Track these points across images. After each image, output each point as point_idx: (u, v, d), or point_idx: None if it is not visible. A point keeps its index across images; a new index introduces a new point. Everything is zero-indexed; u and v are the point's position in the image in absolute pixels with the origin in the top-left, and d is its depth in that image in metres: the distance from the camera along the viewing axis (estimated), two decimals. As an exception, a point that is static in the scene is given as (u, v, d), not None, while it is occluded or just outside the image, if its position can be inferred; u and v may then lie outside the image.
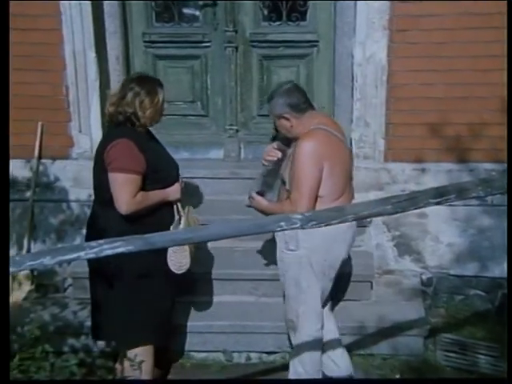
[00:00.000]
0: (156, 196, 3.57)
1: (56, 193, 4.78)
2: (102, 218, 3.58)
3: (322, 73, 4.94)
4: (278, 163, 3.68)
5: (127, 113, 3.50)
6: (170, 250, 3.60)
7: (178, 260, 3.62)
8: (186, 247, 3.64)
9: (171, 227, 3.60)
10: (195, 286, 4.37)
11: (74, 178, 4.76)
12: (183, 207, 3.72)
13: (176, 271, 3.64)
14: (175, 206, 3.71)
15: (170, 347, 4.09)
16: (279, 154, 3.68)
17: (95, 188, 3.65)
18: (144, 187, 3.51)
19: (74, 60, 4.63)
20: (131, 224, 3.45)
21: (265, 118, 5.07)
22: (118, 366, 3.80)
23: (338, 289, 4.33)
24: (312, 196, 3.44)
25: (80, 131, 4.73)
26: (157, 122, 3.68)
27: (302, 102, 3.56)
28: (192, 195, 4.55)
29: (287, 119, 3.53)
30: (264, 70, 4.99)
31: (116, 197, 3.45)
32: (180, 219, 3.68)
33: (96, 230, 3.58)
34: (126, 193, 3.44)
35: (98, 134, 4.65)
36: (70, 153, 4.80)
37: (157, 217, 3.58)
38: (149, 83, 3.58)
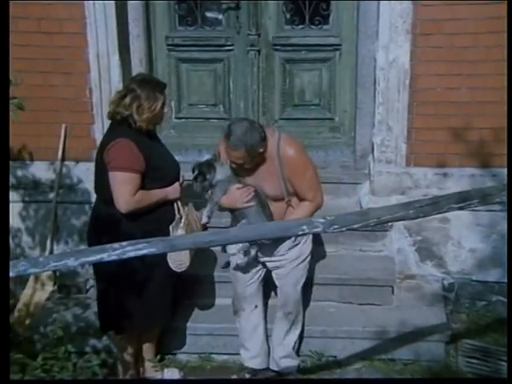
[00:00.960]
0: (155, 195, 3.62)
1: (79, 195, 4.82)
2: (105, 217, 3.63)
3: (345, 76, 4.94)
4: (257, 196, 3.61)
5: (124, 114, 3.55)
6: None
7: (178, 258, 3.66)
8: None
9: (171, 226, 3.65)
10: (215, 288, 4.38)
11: (97, 180, 4.79)
12: (183, 206, 3.76)
13: (175, 269, 3.69)
14: (175, 205, 3.74)
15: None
16: (251, 189, 3.61)
17: (96, 187, 3.73)
18: (144, 186, 3.56)
19: (97, 63, 4.66)
20: (132, 222, 3.53)
21: (287, 121, 5.09)
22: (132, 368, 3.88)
23: (357, 293, 4.34)
24: (321, 188, 3.66)
25: (103, 133, 4.76)
26: (156, 124, 3.74)
27: (263, 130, 3.54)
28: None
29: (263, 151, 3.51)
30: (286, 74, 4.99)
31: (115, 196, 3.50)
32: (180, 218, 3.71)
33: (99, 228, 3.66)
34: (124, 192, 3.50)
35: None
36: (93, 155, 4.78)
37: (157, 215, 3.63)
38: (150, 87, 3.59)
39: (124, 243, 1.96)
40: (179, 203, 3.76)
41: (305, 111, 5.07)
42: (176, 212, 3.73)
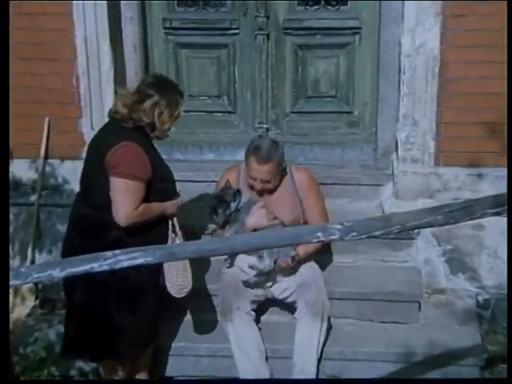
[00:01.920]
0: (156, 209, 3.65)
1: (64, 197, 4.85)
2: (91, 226, 3.63)
3: (365, 64, 4.95)
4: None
5: (143, 122, 3.58)
6: (169, 271, 3.67)
7: (179, 281, 3.70)
8: (189, 267, 3.72)
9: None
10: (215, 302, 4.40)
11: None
12: (178, 224, 3.79)
13: (175, 295, 3.71)
14: (170, 222, 3.76)
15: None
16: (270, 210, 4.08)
17: (87, 189, 3.71)
18: (146, 198, 3.58)
19: (85, 48, 4.69)
20: (123, 233, 3.52)
21: (299, 115, 5.11)
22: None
23: (379, 309, 4.35)
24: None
25: (92, 128, 4.79)
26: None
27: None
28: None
29: (284, 167, 4.12)
30: (299, 61, 5.01)
31: (116, 206, 3.49)
32: (175, 238, 3.75)
33: (83, 236, 3.64)
34: (127, 202, 3.50)
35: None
36: (80, 152, 4.82)
37: (150, 231, 3.63)
38: (170, 93, 3.65)
39: (117, 251, 1.97)
40: (175, 220, 3.78)
41: (319, 104, 5.09)
42: (170, 230, 3.74)
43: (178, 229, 3.77)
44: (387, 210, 4.68)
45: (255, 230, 3.95)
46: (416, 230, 4.47)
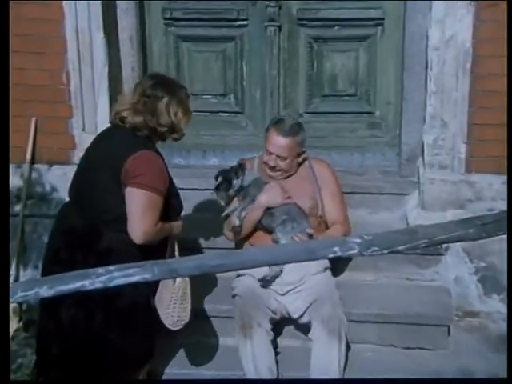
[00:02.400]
0: (168, 229, 3.69)
1: (53, 206, 4.86)
2: (100, 243, 3.60)
3: (388, 59, 4.97)
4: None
5: (163, 127, 3.62)
6: (165, 299, 3.66)
7: (175, 313, 3.68)
8: (189, 298, 3.71)
9: None
10: (220, 324, 4.40)
11: (76, 189, 4.84)
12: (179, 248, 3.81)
13: (170, 326, 3.69)
14: (169, 243, 3.77)
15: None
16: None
17: (83, 200, 3.68)
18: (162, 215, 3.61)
19: (77, 41, 4.72)
20: (121, 250, 3.52)
21: (314, 116, 5.12)
22: None
23: (403, 334, 4.34)
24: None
25: (83, 129, 4.82)
26: None
27: None
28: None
29: (303, 153, 4.29)
30: (314, 56, 5.04)
31: (135, 221, 3.49)
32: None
33: (73, 250, 3.62)
34: (148, 218, 3.50)
35: (106, 134, 4.75)
36: (70, 156, 4.88)
37: (149, 252, 3.54)
38: (176, 89, 3.71)
39: (111, 267, 1.97)
40: (175, 243, 3.81)
41: (337, 103, 5.12)
42: (168, 253, 3.74)
43: (177, 253, 3.78)
44: (412, 222, 4.69)
45: (268, 208, 4.16)
46: (445, 245, 4.47)
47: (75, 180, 3.77)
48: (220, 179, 4.19)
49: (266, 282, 4.15)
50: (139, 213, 3.49)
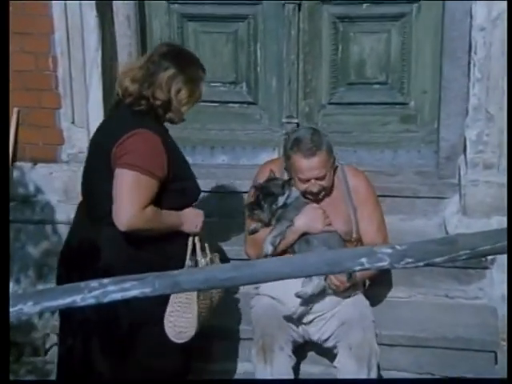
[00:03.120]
0: (169, 218, 3.63)
1: (37, 210, 4.89)
2: (96, 244, 3.63)
3: (425, 41, 4.97)
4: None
5: (157, 99, 3.59)
6: (170, 305, 3.65)
7: (178, 323, 3.65)
8: (195, 307, 3.66)
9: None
10: (239, 347, 4.42)
11: (64, 190, 4.88)
12: (204, 250, 3.76)
13: (173, 338, 3.67)
14: (190, 243, 3.72)
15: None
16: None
17: (89, 199, 3.73)
18: (158, 202, 3.56)
19: (65, 21, 4.74)
20: (130, 254, 3.54)
21: (339, 107, 5.14)
22: None
23: (442, 360, 4.34)
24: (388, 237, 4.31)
25: (73, 122, 4.84)
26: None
27: None
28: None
29: (334, 159, 4.21)
30: (339, 38, 5.05)
31: (118, 204, 3.48)
32: (197, 263, 3.71)
33: (83, 262, 3.64)
34: (134, 200, 3.46)
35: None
36: (58, 153, 4.91)
37: (161, 252, 3.61)
38: (190, 66, 3.69)
39: (105, 281, 1.98)
40: (197, 242, 3.74)
41: (365, 92, 5.13)
42: (188, 256, 3.70)
43: (200, 255, 3.72)
44: (452, 230, 4.69)
45: (304, 233, 4.11)
46: (490, 257, 4.46)
47: (83, 174, 3.79)
48: (260, 194, 4.10)
49: (291, 321, 4.14)
50: (123, 195, 3.46)
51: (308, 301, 4.08)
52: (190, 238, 3.72)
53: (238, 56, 5.15)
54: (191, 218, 3.71)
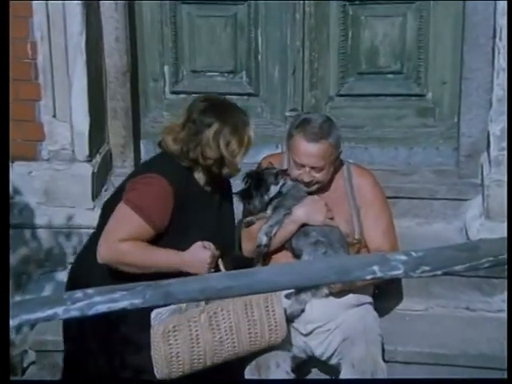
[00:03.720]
0: (161, 256, 3.78)
1: (15, 213, 4.90)
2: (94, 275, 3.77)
3: (444, 26, 4.98)
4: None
5: (208, 159, 3.77)
6: (153, 332, 3.70)
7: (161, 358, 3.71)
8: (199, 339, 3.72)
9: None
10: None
11: (45, 191, 4.88)
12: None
13: (157, 374, 3.74)
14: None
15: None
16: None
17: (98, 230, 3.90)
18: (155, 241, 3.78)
19: (45, 2, 4.73)
20: None
21: (349, 99, 5.15)
22: None
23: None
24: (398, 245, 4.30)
25: (54, 116, 4.84)
26: None
27: None
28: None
29: (339, 156, 4.24)
30: (349, 22, 5.06)
31: (103, 234, 3.74)
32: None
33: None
34: (117, 232, 3.71)
35: (83, 122, 4.82)
36: (38, 150, 4.91)
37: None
38: (231, 115, 3.85)
39: (90, 291, 1.98)
40: (220, 264, 3.88)
41: (378, 83, 5.15)
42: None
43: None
44: (474, 235, 4.69)
45: (304, 225, 4.12)
46: (515, 265, 4.47)
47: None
48: (252, 182, 4.15)
49: (298, 310, 4.15)
50: (108, 226, 3.73)
51: (300, 300, 4.09)
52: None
53: (237, 42, 5.15)
54: (195, 256, 3.80)
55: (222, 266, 3.84)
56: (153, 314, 3.64)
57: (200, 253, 3.79)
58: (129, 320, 3.68)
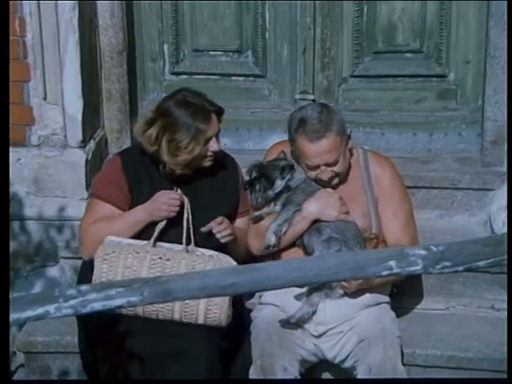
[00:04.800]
0: (125, 217, 4.16)
1: (2, 204, 4.92)
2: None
3: (468, 1, 4.98)
4: None
5: (149, 150, 4.12)
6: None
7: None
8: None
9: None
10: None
11: (35, 180, 4.89)
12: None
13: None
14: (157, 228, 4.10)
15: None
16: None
17: None
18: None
19: (35, -25, 4.75)
20: None
21: (364, 80, 5.16)
22: None
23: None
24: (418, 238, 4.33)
25: (45, 98, 4.84)
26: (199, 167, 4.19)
27: None
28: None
29: (349, 137, 4.22)
30: (364, -3, 5.07)
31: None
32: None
33: None
34: (83, 222, 4.22)
35: (75, 105, 4.82)
36: (27, 135, 4.91)
37: None
38: (189, 112, 4.10)
39: (84, 287, 2.01)
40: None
41: (395, 63, 5.15)
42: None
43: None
44: (499, 228, 4.69)
45: (316, 221, 4.13)
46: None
47: None
48: (256, 175, 4.18)
49: (290, 326, 4.16)
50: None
51: (311, 302, 4.10)
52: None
53: (243, 19, 5.15)
54: (154, 200, 4.10)
55: (187, 209, 4.03)
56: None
57: (158, 196, 4.06)
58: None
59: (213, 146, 4.10)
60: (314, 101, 5.08)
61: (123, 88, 5.10)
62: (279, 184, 4.11)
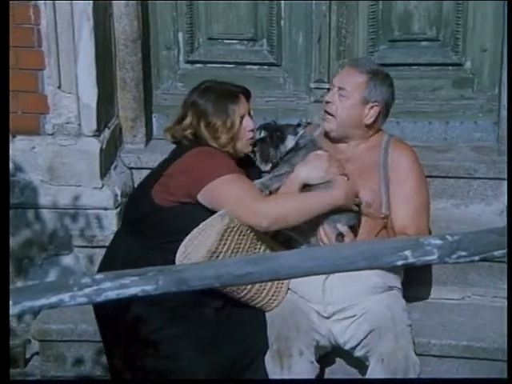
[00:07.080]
0: (310, 196, 4.11)
1: (17, 192, 4.92)
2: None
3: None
4: None
5: (188, 138, 4.19)
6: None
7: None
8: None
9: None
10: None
11: (49, 168, 4.89)
12: None
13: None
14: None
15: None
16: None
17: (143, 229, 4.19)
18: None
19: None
20: None
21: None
22: None
23: (502, 374, 4.35)
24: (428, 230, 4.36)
25: (59, 87, 4.85)
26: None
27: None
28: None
29: (377, 106, 4.33)
30: (380, -15, 5.05)
31: (240, 208, 4.00)
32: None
33: None
34: (251, 193, 4.02)
35: (90, 93, 4.82)
36: (41, 124, 4.92)
37: None
38: (216, 96, 4.16)
39: (98, 276, 2.01)
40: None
41: (411, 51, 5.15)
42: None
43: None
44: (515, 218, 4.69)
45: (306, 185, 4.15)
46: None
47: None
48: (268, 131, 4.25)
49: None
50: (238, 195, 4.05)
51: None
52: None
53: (258, 7, 5.15)
54: (344, 187, 4.14)
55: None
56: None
57: (347, 185, 4.11)
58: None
59: (248, 124, 4.16)
60: (328, 90, 5.08)
61: (138, 76, 5.10)
62: (291, 139, 4.20)
